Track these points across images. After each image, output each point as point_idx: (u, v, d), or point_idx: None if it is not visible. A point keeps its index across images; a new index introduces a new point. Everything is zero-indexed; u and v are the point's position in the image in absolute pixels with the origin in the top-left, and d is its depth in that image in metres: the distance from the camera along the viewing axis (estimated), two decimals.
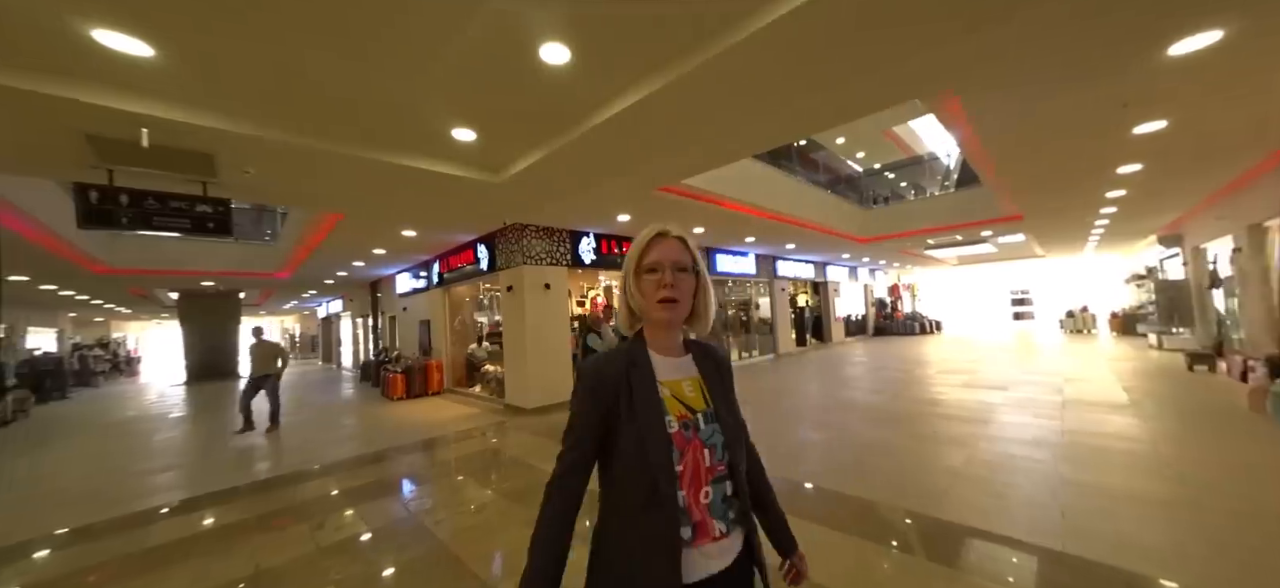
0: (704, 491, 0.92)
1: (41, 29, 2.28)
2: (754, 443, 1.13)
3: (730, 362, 1.14)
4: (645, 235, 1.00)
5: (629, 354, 0.98)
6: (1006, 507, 3.05)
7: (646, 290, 0.97)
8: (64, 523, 3.64)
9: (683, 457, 0.91)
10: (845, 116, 3.75)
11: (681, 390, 0.98)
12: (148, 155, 3.26)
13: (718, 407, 0.99)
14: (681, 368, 1.01)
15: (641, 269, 0.98)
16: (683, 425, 0.93)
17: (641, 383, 0.94)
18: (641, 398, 0.93)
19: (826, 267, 16.30)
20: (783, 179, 8.90)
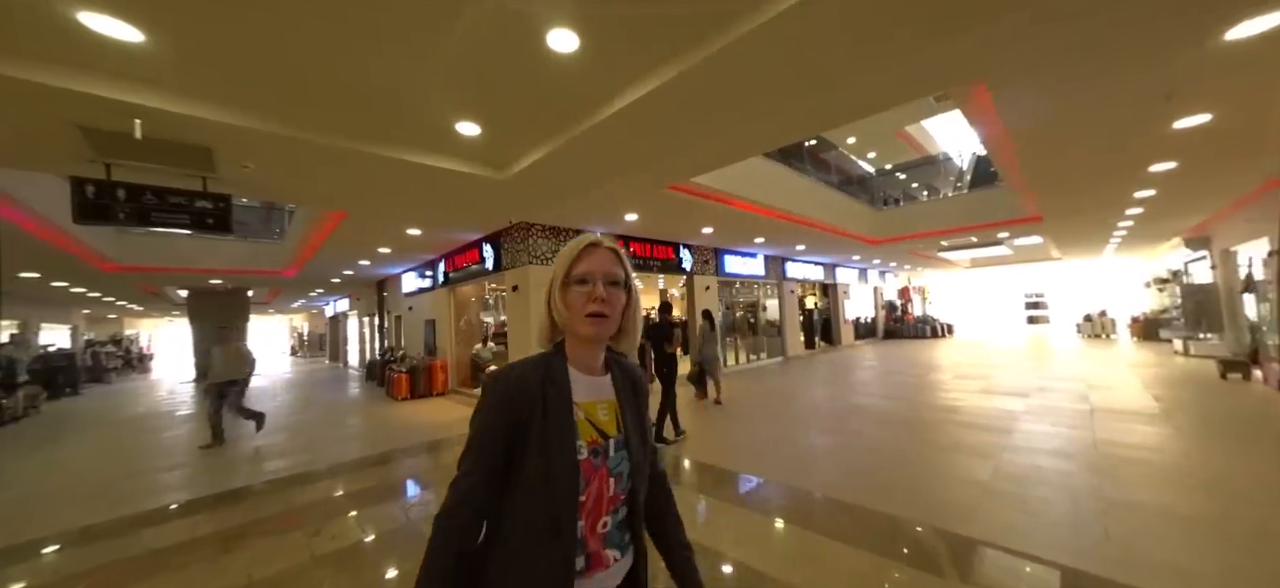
0: (603, 520, 0.88)
1: (26, 10, 2.18)
2: (666, 474, 1.09)
3: (646, 384, 1.09)
4: (575, 245, 0.93)
5: (546, 369, 0.89)
6: (1044, 526, 2.85)
7: (574, 303, 0.90)
8: (65, 523, 3.56)
9: (588, 486, 0.86)
10: (862, 112, 3.57)
11: (596, 413, 0.91)
12: (144, 148, 3.17)
13: (629, 432, 0.93)
14: (599, 389, 0.95)
15: (570, 280, 0.91)
16: (592, 452, 0.87)
17: (557, 402, 0.87)
18: (555, 419, 0.85)
19: (836, 269, 16.04)
20: (794, 178, 8.71)
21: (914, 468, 3.95)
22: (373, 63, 2.74)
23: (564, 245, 0.94)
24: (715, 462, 4.36)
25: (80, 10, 2.18)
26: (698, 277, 10.15)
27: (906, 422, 5.47)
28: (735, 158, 4.69)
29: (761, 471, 4.04)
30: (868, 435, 5.02)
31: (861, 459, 4.25)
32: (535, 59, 2.78)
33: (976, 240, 12.11)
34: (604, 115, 3.37)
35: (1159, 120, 3.99)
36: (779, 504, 3.40)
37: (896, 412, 6.03)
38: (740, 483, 3.86)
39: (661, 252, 9.19)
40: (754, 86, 3.09)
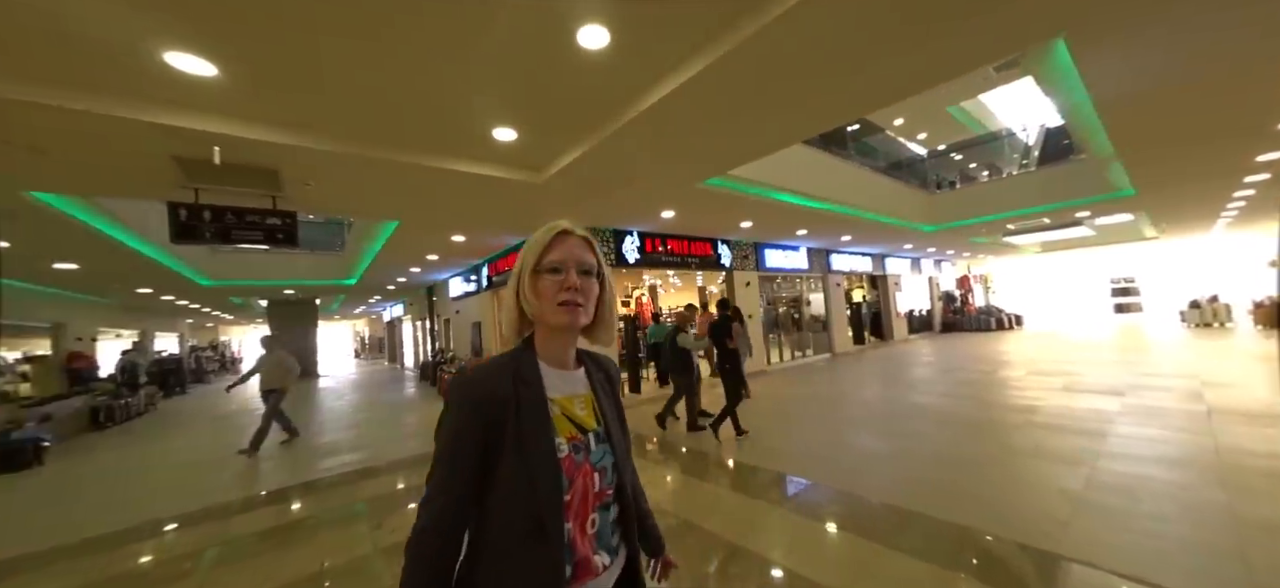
0: (591, 519, 0.85)
1: (125, 55, 2.44)
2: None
3: (619, 373, 1.06)
4: (546, 232, 0.88)
5: (515, 366, 0.85)
6: (1161, 550, 2.44)
7: (545, 292, 0.85)
8: (179, 507, 4.01)
9: (572, 485, 0.82)
10: (912, 89, 3.30)
11: (573, 408, 0.88)
12: (223, 173, 3.49)
13: (609, 424, 0.91)
14: (573, 383, 0.91)
15: (541, 268, 0.86)
16: (573, 448, 0.84)
17: (530, 400, 0.82)
18: (530, 418, 0.81)
19: (886, 259, 15.11)
20: (837, 166, 8.27)
21: (985, 474, 3.60)
22: (414, 78, 2.86)
23: (535, 234, 0.88)
24: (759, 462, 4.21)
25: (166, 50, 2.42)
26: (737, 272, 9.90)
27: (974, 423, 5.02)
28: (773, 148, 4.49)
29: (810, 473, 3.84)
30: (928, 437, 4.65)
31: (922, 463, 3.94)
32: (566, 59, 2.79)
33: (1049, 222, 10.97)
34: (636, 112, 3.34)
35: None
36: (831, 509, 3.21)
37: (961, 412, 5.56)
38: (788, 485, 3.70)
39: (699, 248, 9.04)
40: (791, 72, 2.93)
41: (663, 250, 8.35)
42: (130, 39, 2.32)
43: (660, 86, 3.09)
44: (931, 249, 15.23)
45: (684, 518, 3.20)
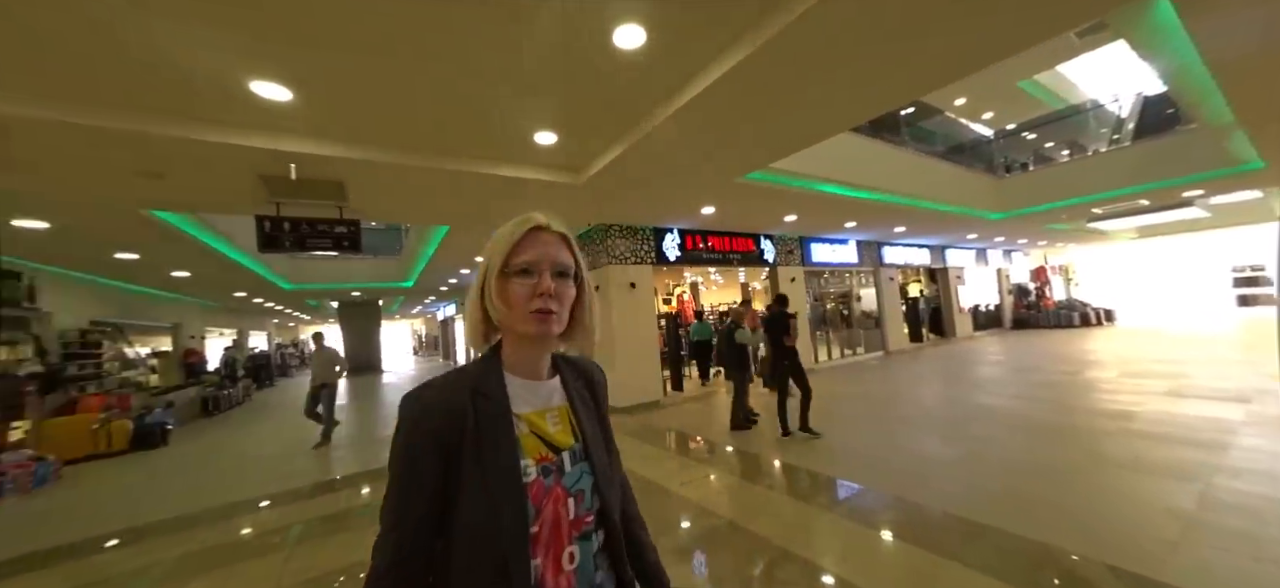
0: (567, 552, 0.72)
1: (218, 87, 2.76)
2: (624, 484, 0.89)
3: (604, 379, 0.92)
4: (515, 228, 0.75)
5: (475, 379, 0.73)
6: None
7: (514, 298, 0.73)
8: (270, 488, 4.52)
9: (539, 514, 0.69)
10: (976, 64, 3.01)
11: (543, 425, 0.76)
12: (298, 187, 3.86)
13: (588, 440, 0.79)
14: (545, 395, 0.79)
15: (509, 270, 0.73)
16: (542, 471, 0.72)
17: (491, 417, 0.71)
18: (490, 438, 0.69)
19: (946, 251, 14.00)
20: (889, 153, 7.76)
21: (1068, 486, 3.25)
22: (461, 91, 3.00)
23: (501, 229, 0.76)
24: (806, 464, 4.05)
25: (251, 79, 2.71)
26: (781, 268, 9.58)
27: (1054, 429, 4.54)
28: (818, 138, 4.30)
29: (862, 478, 3.65)
30: (999, 444, 4.27)
31: (991, 472, 3.61)
32: (603, 61, 2.82)
33: (1148, 204, 9.67)
34: (673, 109, 3.31)
35: None
36: (887, 517, 3.03)
37: (1037, 416, 5.04)
38: (838, 489, 3.53)
39: (741, 244, 8.84)
40: (836, 57, 2.78)
41: (703, 247, 8.24)
42: (224, 72, 2.61)
43: (697, 82, 3.05)
44: (1000, 238, 13.92)
45: (728, 518, 3.15)
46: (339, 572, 2.83)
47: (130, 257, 6.62)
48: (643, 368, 7.15)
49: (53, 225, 4.87)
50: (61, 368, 7.09)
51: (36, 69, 2.46)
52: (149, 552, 3.35)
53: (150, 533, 3.67)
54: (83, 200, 4.20)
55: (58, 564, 3.26)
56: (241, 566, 3.01)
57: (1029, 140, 11.78)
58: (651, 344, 7.36)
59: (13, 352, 6.58)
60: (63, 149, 3.11)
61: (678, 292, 12.99)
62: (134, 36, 2.28)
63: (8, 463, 5.19)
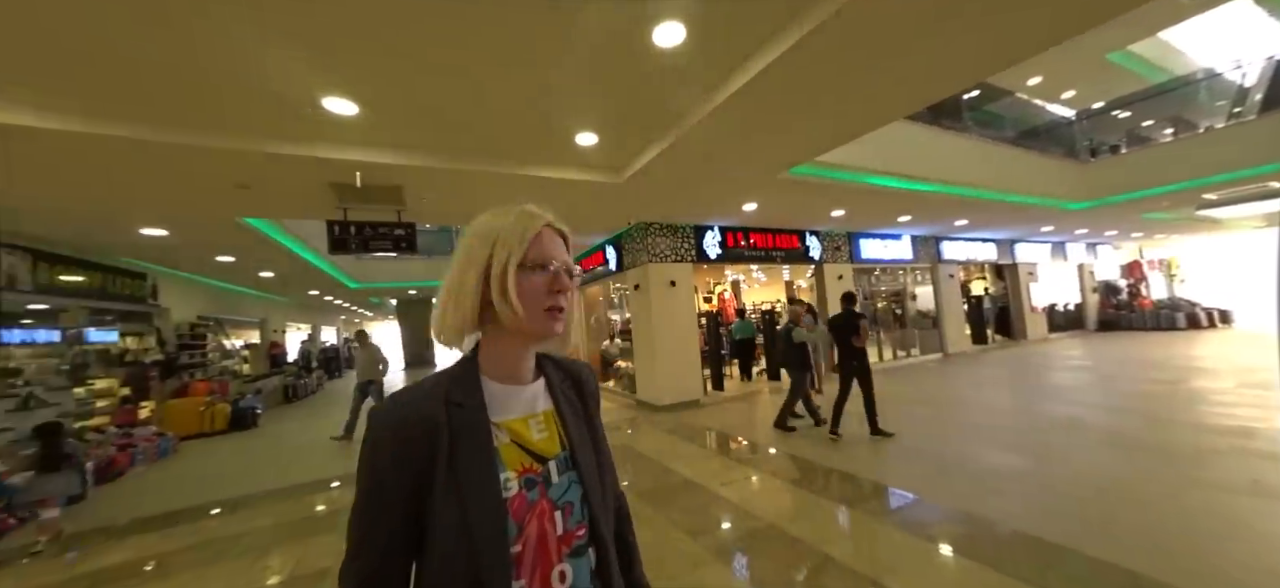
0: (557, 570, 0.65)
1: (296, 105, 3.07)
2: (624, 496, 0.83)
3: (595, 379, 0.84)
4: (528, 221, 0.70)
5: (449, 388, 0.67)
6: None
7: (532, 292, 0.67)
8: (335, 470, 4.99)
9: (522, 531, 0.63)
10: (1074, 28, 2.71)
11: (526, 434, 0.70)
12: (362, 193, 4.20)
13: (576, 447, 0.72)
14: (529, 399, 0.73)
15: (527, 264, 0.68)
16: (525, 484, 0.66)
17: (467, 427, 0.65)
18: (466, 450, 0.64)
19: (1015, 245, 12.79)
20: (949, 141, 7.20)
21: (1167, 510, 2.87)
22: (507, 98, 3.14)
23: (507, 220, 0.69)
24: (856, 470, 3.86)
25: (324, 97, 2.98)
26: (828, 265, 9.17)
27: (1149, 445, 4.03)
28: (867, 129, 4.08)
29: (919, 489, 3.43)
30: (1078, 457, 3.85)
31: (1072, 489, 3.27)
32: (643, 60, 2.84)
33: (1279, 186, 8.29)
34: (712, 105, 3.27)
35: None
36: (945, 530, 2.83)
37: (1128, 429, 4.50)
38: (890, 497, 3.35)
39: (784, 241, 8.56)
40: (887, 42, 2.62)
41: (745, 245, 8.06)
42: (301, 91, 2.90)
43: (738, 76, 3.00)
44: (1082, 231, 12.51)
45: (770, 522, 3.08)
46: None
47: (228, 259, 7.50)
48: (682, 366, 7.13)
49: (170, 233, 5.62)
50: (177, 356, 8.18)
51: (152, 99, 2.85)
52: (244, 520, 3.80)
53: (244, 504, 4.16)
54: (191, 210, 4.81)
55: (176, 526, 3.78)
56: (317, 539, 3.33)
57: (1120, 119, 10.47)
58: (691, 342, 7.31)
59: (140, 342, 7.68)
60: (174, 166, 3.59)
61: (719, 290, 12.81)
62: (230, 65, 2.58)
63: (139, 437, 6.07)
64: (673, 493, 3.71)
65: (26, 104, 2.78)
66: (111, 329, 7.14)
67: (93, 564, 3.20)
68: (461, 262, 0.69)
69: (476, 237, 0.70)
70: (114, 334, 7.18)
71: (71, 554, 3.38)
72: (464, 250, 0.70)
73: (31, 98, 2.75)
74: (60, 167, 3.40)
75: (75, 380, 5.89)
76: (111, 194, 4.06)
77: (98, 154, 3.26)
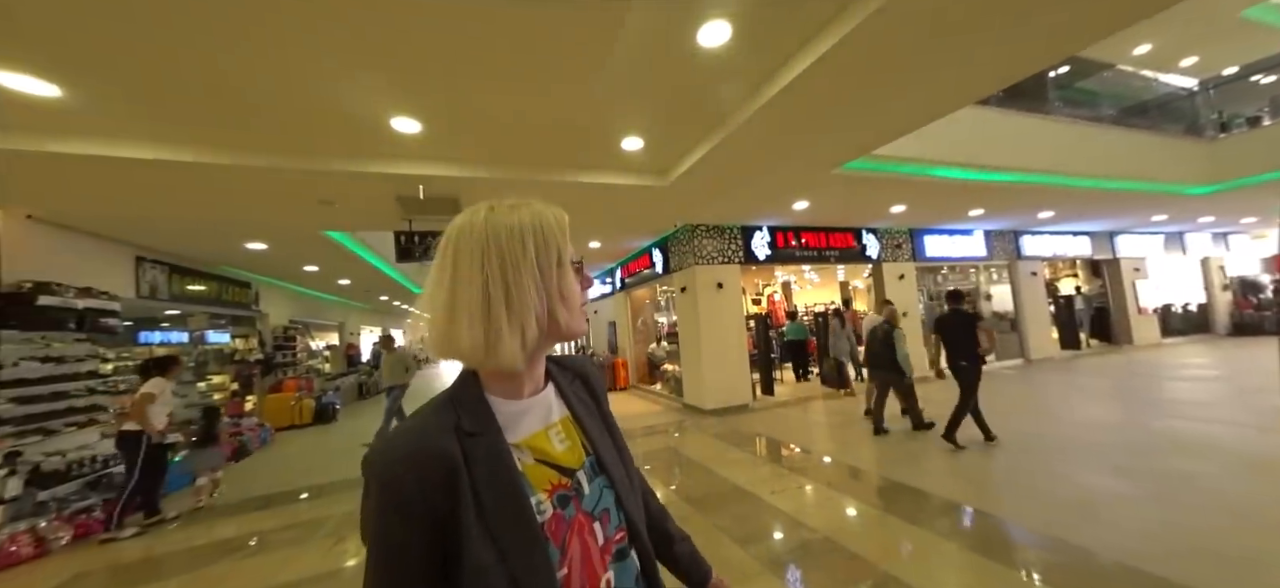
0: (604, 579, 0.61)
1: (370, 127, 3.36)
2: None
3: (599, 372, 0.80)
4: (561, 217, 0.67)
5: (456, 415, 0.59)
6: None
7: (573, 295, 0.65)
8: None
9: (565, 553, 0.57)
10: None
11: (548, 447, 0.63)
12: (425, 205, 4.51)
13: (599, 450, 0.68)
14: (543, 409, 0.66)
15: (564, 261, 0.64)
16: (558, 502, 0.60)
17: (487, 458, 0.57)
18: (491, 486, 0.55)
19: (1115, 237, 11.23)
20: (1030, 125, 6.45)
21: None
22: (555, 108, 3.23)
23: (542, 213, 0.65)
24: (926, 485, 3.55)
25: (392, 117, 3.24)
26: (887, 264, 8.57)
27: None
28: (930, 118, 3.76)
29: (1002, 511, 3.08)
30: (1205, 483, 3.28)
31: (1192, 518, 2.80)
32: (688, 61, 2.81)
33: None
34: (760, 103, 3.17)
35: None
36: (1031, 557, 2.52)
37: (1272, 452, 3.77)
38: (963, 516, 3.04)
39: (839, 239, 8.12)
40: (952, 21, 2.39)
41: (796, 245, 7.74)
42: (375, 114, 3.17)
43: (786, 72, 2.88)
44: (1206, 218, 10.73)
45: (826, 535, 2.90)
46: None
47: (312, 268, 8.38)
48: (730, 370, 6.95)
49: (269, 246, 6.38)
50: (273, 356, 9.25)
51: (250, 129, 3.24)
52: (325, 507, 4.20)
53: (326, 491, 4.61)
54: (283, 225, 5.43)
55: (271, 508, 4.26)
56: None
57: (1261, 87, 8.85)
58: (739, 346, 7.12)
59: (246, 344, 8.77)
60: (270, 187, 4.06)
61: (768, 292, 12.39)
62: (315, 93, 2.88)
63: (246, 427, 6.93)
64: (722, 500, 3.61)
65: (147, 138, 3.26)
66: (224, 332, 8.22)
67: (210, 536, 3.68)
68: (500, 266, 0.58)
69: (510, 235, 0.60)
70: (226, 336, 8.27)
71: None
72: (497, 254, 0.59)
73: (149, 132, 3.22)
74: (178, 190, 3.96)
75: (198, 376, 6.85)
76: (221, 214, 4.68)
77: (207, 179, 3.76)
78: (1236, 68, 9.11)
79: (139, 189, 3.81)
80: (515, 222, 0.62)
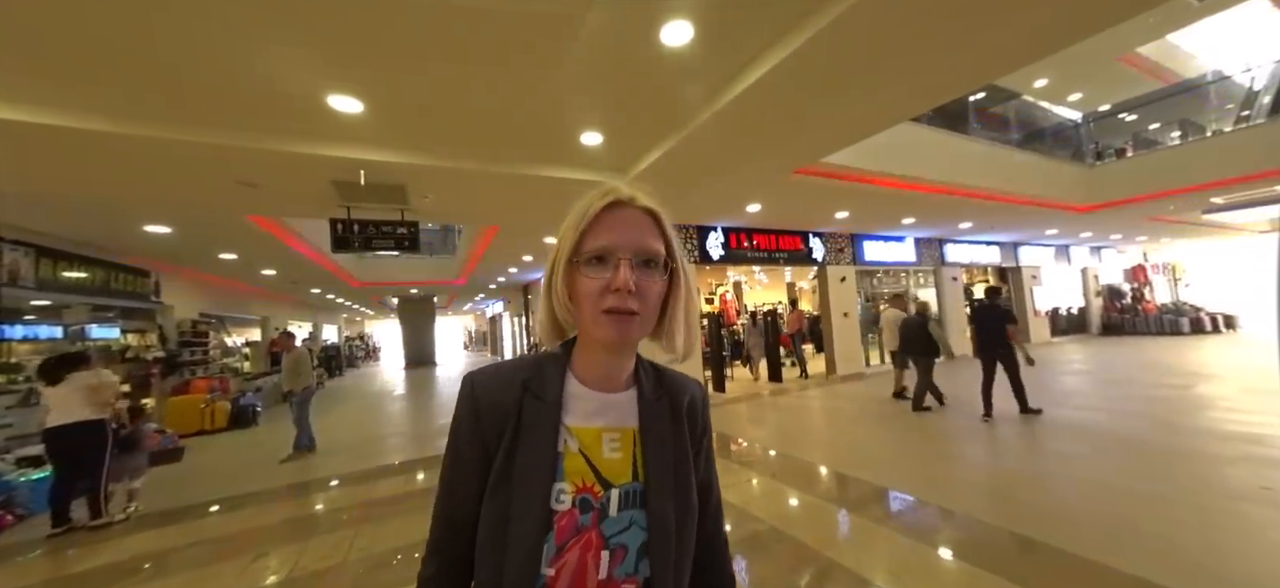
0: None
1: (302, 103, 3.05)
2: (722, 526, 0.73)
3: (706, 408, 0.71)
4: (590, 202, 0.59)
5: (533, 373, 0.62)
6: None
7: (584, 293, 0.57)
8: (340, 469, 4.96)
9: (562, 554, 0.55)
10: (1086, 29, 2.69)
11: (598, 448, 0.60)
12: (365, 192, 4.18)
13: (652, 483, 0.60)
14: (612, 411, 0.62)
15: (581, 257, 0.58)
16: (579, 503, 0.57)
17: (537, 422, 0.58)
18: (527, 444, 0.57)
19: (1019, 248, 12.74)
20: (954, 143, 7.15)
21: (1173, 515, 2.84)
22: (511, 95, 3.11)
23: (578, 204, 0.61)
24: (856, 473, 3.83)
25: (329, 94, 2.96)
26: (831, 267, 9.14)
27: (1155, 450, 3.99)
28: (873, 130, 4.06)
29: (919, 491, 3.40)
30: (1082, 461, 3.82)
31: (1072, 492, 3.24)
32: (650, 58, 2.81)
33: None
34: (719, 105, 3.25)
35: None
36: (950, 536, 2.80)
37: (1133, 433, 4.46)
38: (890, 501, 3.32)
39: (788, 242, 8.54)
40: (895, 42, 2.60)
41: (748, 246, 8.04)
42: (309, 89, 2.88)
43: (745, 76, 2.97)
44: (1086, 234, 12.46)
45: (771, 525, 3.05)
46: (397, 551, 3.03)
47: (230, 257, 7.50)
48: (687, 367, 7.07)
49: (175, 230, 5.61)
50: (178, 354, 8.18)
51: (154, 94, 2.84)
52: (243, 520, 3.78)
53: (245, 503, 4.14)
54: (195, 208, 4.80)
55: (176, 523, 3.76)
56: (315, 540, 3.31)
57: (1127, 123, 10.41)
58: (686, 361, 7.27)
59: (142, 339, 7.68)
60: (176, 162, 3.57)
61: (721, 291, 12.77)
62: (233, 61, 2.57)
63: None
64: None
65: (26, 100, 2.77)
66: (113, 326, 7.14)
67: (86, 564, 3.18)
68: (548, 258, 0.63)
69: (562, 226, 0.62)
70: (116, 331, 7.19)
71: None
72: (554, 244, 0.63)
73: (31, 93, 2.74)
74: (61, 161, 3.39)
75: None
76: (111, 190, 4.05)
77: (98, 149, 3.25)
78: (1109, 105, 10.66)
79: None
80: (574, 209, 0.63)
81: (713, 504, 0.69)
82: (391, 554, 2.99)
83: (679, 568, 0.60)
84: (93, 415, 3.73)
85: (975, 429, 5.01)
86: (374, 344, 30.43)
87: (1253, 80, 8.68)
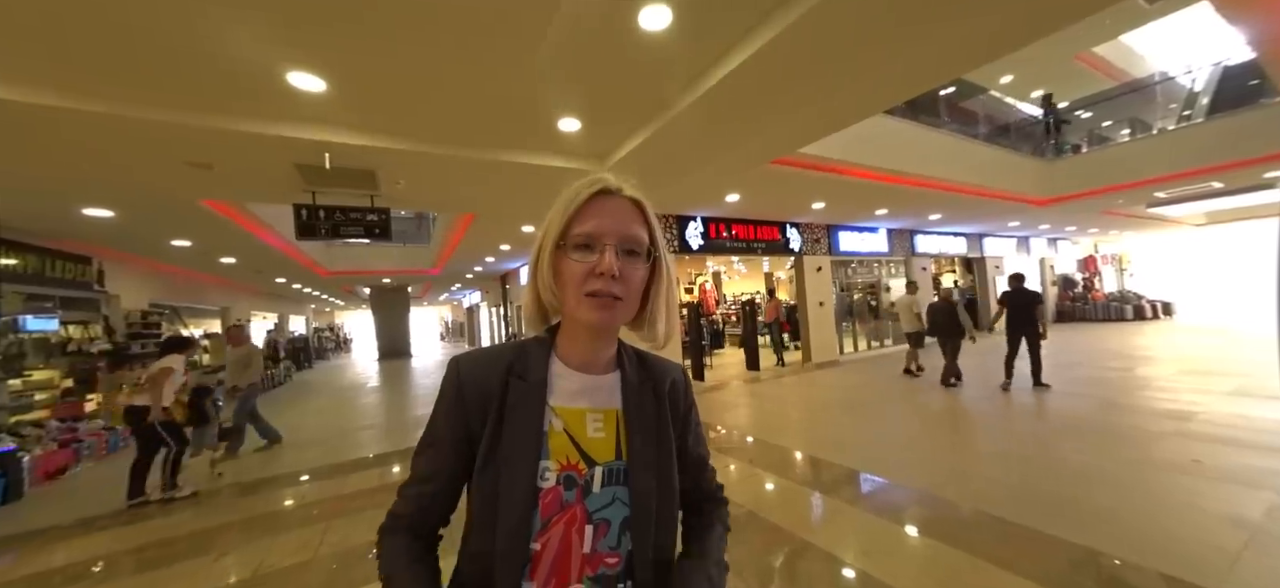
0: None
1: (260, 80, 2.86)
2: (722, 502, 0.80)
3: (689, 389, 0.76)
4: (578, 191, 0.62)
5: (518, 356, 0.65)
6: None
7: (569, 277, 0.60)
8: (310, 463, 4.79)
9: (546, 530, 0.58)
10: (1046, 27, 2.78)
11: (581, 427, 0.63)
12: (332, 176, 3.99)
13: (636, 462, 0.63)
14: (595, 391, 0.65)
15: (566, 242, 0.61)
16: (563, 481, 0.60)
17: (522, 402, 0.61)
18: (513, 427, 0.60)
19: (984, 239, 13.32)
20: (925, 136, 7.36)
21: (1117, 489, 3.06)
22: (487, 78, 3.01)
23: (567, 190, 0.64)
24: (828, 456, 3.97)
25: (289, 71, 2.79)
26: (807, 257, 9.33)
27: (1102, 429, 4.28)
28: (849, 121, 4.12)
29: (888, 473, 3.55)
30: (1038, 442, 4.07)
31: (1029, 471, 3.45)
32: (628, 43, 2.76)
33: (1220, 186, 8.89)
34: (698, 93, 3.23)
35: None
36: (914, 514, 2.94)
37: (1082, 414, 4.77)
38: (861, 483, 3.45)
39: (766, 232, 8.65)
40: (870, 34, 2.63)
41: (727, 236, 8.11)
42: (266, 64, 2.70)
43: (724, 64, 2.96)
44: (1044, 226, 13.12)
45: (748, 509, 3.13)
46: (370, 546, 2.96)
47: (184, 244, 7.05)
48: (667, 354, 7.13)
49: (117, 214, 5.22)
50: (126, 346, 7.67)
51: (93, 65, 2.60)
52: (201, 518, 3.61)
53: (204, 500, 3.96)
54: (141, 191, 4.47)
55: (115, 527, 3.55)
56: (283, 537, 3.20)
57: (1083, 119, 10.95)
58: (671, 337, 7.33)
59: (85, 331, 7.16)
60: (121, 140, 3.31)
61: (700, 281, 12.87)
62: (183, 31, 2.38)
63: (85, 432, 5.69)
64: None
65: None
66: (51, 317, 6.63)
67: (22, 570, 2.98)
68: (533, 245, 0.67)
69: (548, 214, 0.66)
70: (54, 322, 6.68)
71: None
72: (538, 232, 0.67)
73: None
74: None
75: (9, 372, 5.46)
76: (47, 169, 3.73)
77: (26, 124, 2.97)
78: (1067, 102, 11.18)
79: None
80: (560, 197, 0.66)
81: (707, 479, 0.75)
82: (365, 549, 2.92)
83: (660, 541, 0.63)
84: (139, 402, 4.00)
85: (948, 412, 5.25)
86: (345, 335, 29.37)
87: (1193, 82, 9.25)
